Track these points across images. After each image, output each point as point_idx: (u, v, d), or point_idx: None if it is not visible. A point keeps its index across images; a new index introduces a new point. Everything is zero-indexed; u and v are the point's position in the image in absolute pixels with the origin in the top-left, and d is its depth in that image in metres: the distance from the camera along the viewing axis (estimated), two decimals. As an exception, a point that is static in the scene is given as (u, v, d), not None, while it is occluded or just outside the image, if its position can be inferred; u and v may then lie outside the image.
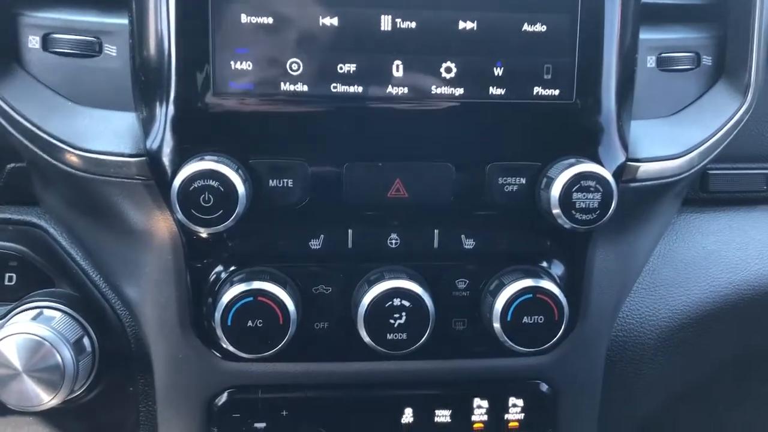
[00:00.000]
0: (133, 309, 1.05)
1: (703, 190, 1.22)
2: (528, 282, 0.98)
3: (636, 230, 1.12)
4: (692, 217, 1.24)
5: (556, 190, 0.93)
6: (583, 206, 0.94)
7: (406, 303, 0.96)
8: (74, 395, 1.04)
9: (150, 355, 1.05)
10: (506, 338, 0.99)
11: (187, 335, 1.01)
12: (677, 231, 1.23)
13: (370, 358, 1.04)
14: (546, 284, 0.98)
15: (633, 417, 1.21)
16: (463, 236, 1.01)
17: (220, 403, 1.04)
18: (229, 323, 0.94)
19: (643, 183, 1.02)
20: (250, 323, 0.94)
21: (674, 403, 1.26)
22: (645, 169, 1.02)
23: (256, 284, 0.94)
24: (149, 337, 1.04)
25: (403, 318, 0.96)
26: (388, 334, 0.97)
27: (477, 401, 1.09)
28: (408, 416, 1.08)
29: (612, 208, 0.94)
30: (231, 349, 0.95)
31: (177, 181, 0.88)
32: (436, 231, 1.00)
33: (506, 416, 1.10)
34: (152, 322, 1.03)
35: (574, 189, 0.93)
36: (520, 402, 1.10)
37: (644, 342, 1.16)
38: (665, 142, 1.05)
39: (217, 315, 0.94)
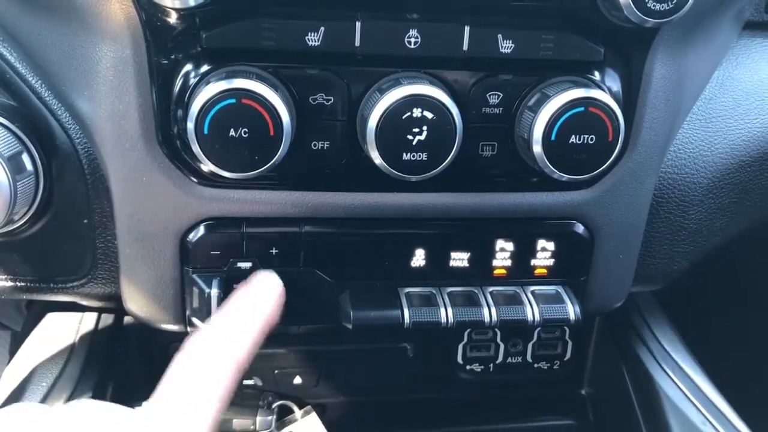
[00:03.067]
0: (85, 123, 0.84)
1: (769, 10, 1.03)
2: (579, 92, 0.79)
3: (696, 46, 0.93)
4: (754, 43, 1.05)
5: (627, -30, 0.73)
6: (660, -8, 0.74)
7: (429, 114, 0.77)
8: (15, 226, 0.85)
9: (107, 179, 0.85)
10: (548, 163, 0.81)
11: (152, 152, 0.81)
12: (737, 57, 1.04)
13: (378, 188, 0.86)
14: (600, 95, 0.79)
15: (667, 271, 1.06)
16: (500, 36, 0.80)
17: (195, 238, 0.86)
18: (205, 131, 0.74)
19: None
20: (232, 132, 0.74)
21: (709, 261, 1.11)
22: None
23: (240, 82, 0.73)
24: (105, 157, 0.84)
25: (424, 133, 0.77)
26: (404, 154, 0.78)
27: (500, 243, 0.93)
28: (419, 259, 0.92)
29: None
30: (208, 166, 0.76)
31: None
32: (466, 28, 0.79)
33: (533, 262, 0.94)
34: (109, 138, 0.83)
35: (650, -31, 0.73)
36: (550, 245, 0.94)
37: (696, 181, 0.99)
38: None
39: (190, 122, 0.74)
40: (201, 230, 0.86)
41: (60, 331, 1.03)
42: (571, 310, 0.92)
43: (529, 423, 1.19)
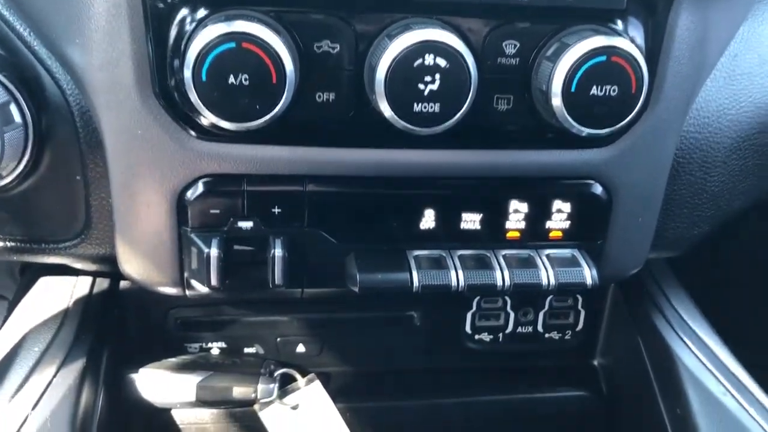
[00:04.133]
0: (77, 73, 0.79)
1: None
2: (601, 40, 0.74)
3: (722, -2, 0.88)
4: (780, -3, 1.00)
5: None
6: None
7: (442, 62, 0.72)
8: (3, 182, 0.81)
9: (101, 133, 0.81)
10: (567, 117, 0.76)
11: (147, 103, 0.77)
12: (763, 12, 0.99)
13: (387, 144, 0.82)
14: (624, 44, 0.74)
15: (687, 236, 1.01)
16: (517, -19, 0.75)
17: (193, 196, 0.82)
18: (203, 78, 0.69)
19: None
20: (232, 79, 0.70)
21: (726, 230, 1.07)
22: None
23: (240, 25, 0.69)
24: (98, 109, 0.79)
25: (437, 82, 0.73)
26: (415, 105, 0.73)
27: (514, 204, 0.88)
28: (428, 220, 0.87)
29: None
30: (207, 117, 0.72)
31: None
32: (481, -29, 0.74)
33: (548, 224, 0.90)
34: (101, 88, 0.78)
35: None
36: (566, 207, 0.89)
37: (719, 141, 0.94)
38: None
39: (187, 69, 0.70)
40: (199, 187, 0.81)
41: (53, 295, 0.99)
42: (588, 274, 0.88)
43: (539, 394, 1.15)
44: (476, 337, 1.14)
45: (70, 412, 0.84)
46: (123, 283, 1.02)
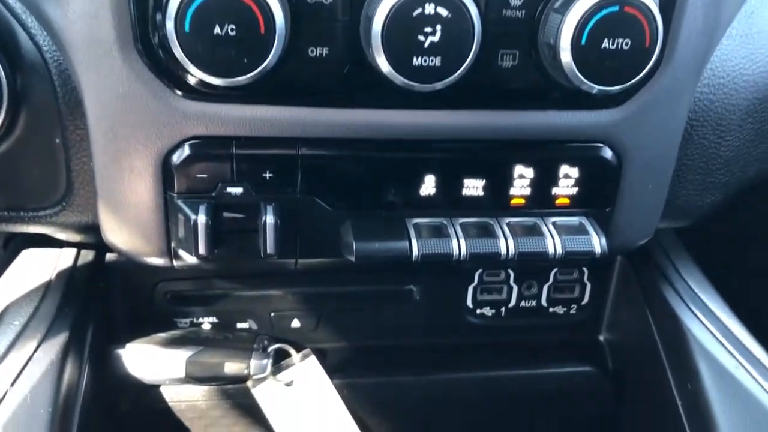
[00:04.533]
0: (53, 28, 0.74)
1: None
2: (613, -11, 0.69)
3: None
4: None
5: None
6: None
7: (443, 11, 0.67)
8: (-22, 145, 0.76)
9: (80, 92, 0.76)
10: (577, 72, 0.71)
11: (129, 59, 0.72)
12: (781, -32, 0.93)
13: (384, 104, 0.77)
14: (637, -8, 0.69)
15: (699, 204, 0.97)
16: (522, -75, 0.70)
17: (179, 159, 0.77)
18: (186, 29, 0.65)
19: None
20: (217, 30, 0.65)
21: (739, 199, 1.02)
22: None
23: (226, -30, 0.64)
24: (77, 66, 0.74)
25: (438, 34, 0.68)
26: (414, 58, 0.69)
27: (519, 169, 0.84)
28: (428, 187, 0.83)
29: None
30: (192, 73, 0.67)
31: None
32: None
33: (554, 191, 0.85)
34: (80, 43, 0.73)
35: None
36: (574, 172, 0.85)
37: (734, 103, 0.89)
38: None
39: (169, 20, 0.65)
40: (185, 150, 0.76)
41: (35, 267, 0.94)
42: (597, 243, 0.84)
43: (542, 370, 1.11)
44: (478, 311, 1.10)
45: (52, 388, 0.80)
46: (109, 256, 0.98)
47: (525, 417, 1.13)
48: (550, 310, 1.11)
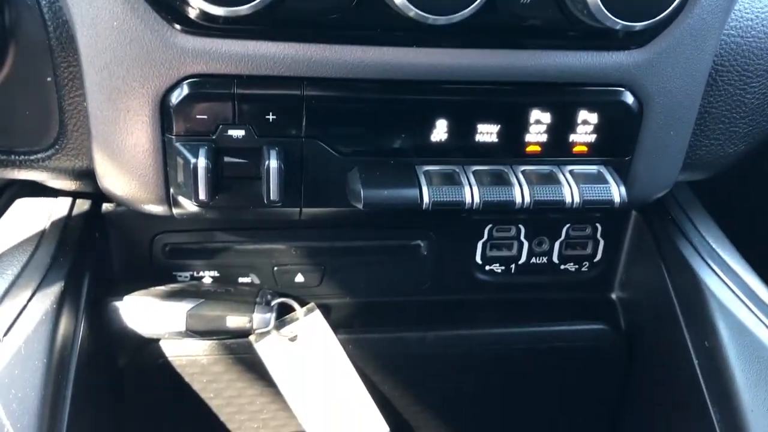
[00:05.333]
0: (44, -42, 0.70)
1: None
2: None
3: None
4: None
5: None
6: None
7: (460, -64, 0.63)
8: (-35, 84, 0.72)
9: (72, 26, 0.72)
10: (601, 6, 0.67)
11: (123, -11, 0.67)
12: None
13: (395, 42, 0.73)
14: None
15: (720, 154, 0.93)
16: None
17: (177, 99, 0.73)
18: (184, -48, 0.60)
19: None
20: (218, -47, 0.60)
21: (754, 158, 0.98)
22: None
23: None
24: (68, -1, 0.70)
25: (454, -39, 0.63)
26: (428, -12, 0.64)
27: (535, 114, 0.80)
28: (440, 132, 0.79)
29: None
30: (189, 2, 0.64)
31: None
32: None
33: (572, 137, 0.81)
34: (71, -27, 0.68)
35: None
36: (593, 117, 0.81)
37: (762, 47, 0.85)
38: None
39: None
40: (184, 89, 0.72)
41: (29, 216, 0.90)
42: (616, 192, 0.80)
43: (552, 327, 1.08)
44: (487, 267, 1.06)
45: (47, 340, 0.76)
46: (105, 205, 0.94)
47: (534, 375, 1.10)
48: (562, 267, 1.08)
